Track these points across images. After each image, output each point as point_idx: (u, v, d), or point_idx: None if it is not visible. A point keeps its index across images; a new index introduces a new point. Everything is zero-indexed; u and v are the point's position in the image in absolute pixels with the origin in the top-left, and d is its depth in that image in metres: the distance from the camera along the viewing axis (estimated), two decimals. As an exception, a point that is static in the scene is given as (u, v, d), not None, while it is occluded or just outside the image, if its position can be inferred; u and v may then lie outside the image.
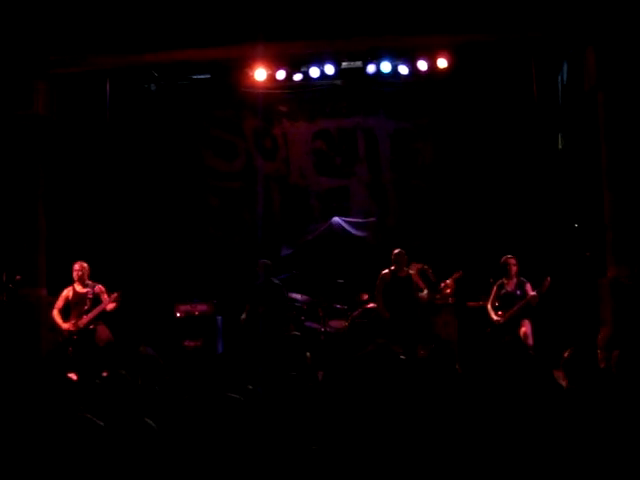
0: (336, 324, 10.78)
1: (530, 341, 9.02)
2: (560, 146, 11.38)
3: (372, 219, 12.27)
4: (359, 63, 11.60)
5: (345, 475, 4.28)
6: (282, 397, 4.81)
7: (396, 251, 9.71)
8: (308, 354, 6.95)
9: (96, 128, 11.13)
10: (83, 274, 9.42)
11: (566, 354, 5.53)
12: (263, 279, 9.82)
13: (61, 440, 4.40)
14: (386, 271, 9.71)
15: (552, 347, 6.94)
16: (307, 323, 10.32)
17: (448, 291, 10.14)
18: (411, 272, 9.75)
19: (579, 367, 5.24)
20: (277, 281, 9.97)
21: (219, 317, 11.19)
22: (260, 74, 11.55)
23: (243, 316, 10.05)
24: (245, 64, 11.57)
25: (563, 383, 5.48)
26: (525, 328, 9.20)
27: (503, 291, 9.38)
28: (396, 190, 12.44)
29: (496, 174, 11.83)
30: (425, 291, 10.15)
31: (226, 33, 10.41)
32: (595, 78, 9.80)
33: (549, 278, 9.16)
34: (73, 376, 6.27)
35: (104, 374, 5.62)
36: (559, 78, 11.31)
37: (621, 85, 9.61)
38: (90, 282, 9.47)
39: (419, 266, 10.25)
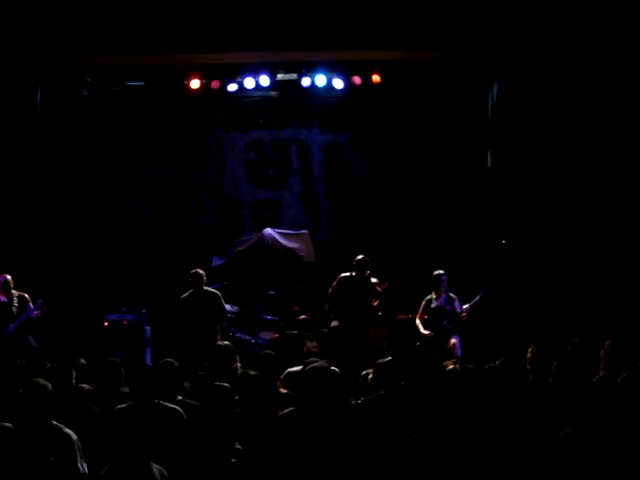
0: (266, 335, 10.76)
1: (458, 352, 9.16)
2: (489, 163, 11.62)
3: (304, 231, 12.31)
4: (294, 75, 11.63)
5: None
6: (217, 409, 4.78)
7: (359, 257, 9.69)
8: (239, 365, 6.94)
9: (25, 133, 10.88)
10: (7, 285, 9.24)
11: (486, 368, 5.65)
12: (195, 289, 9.66)
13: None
14: (344, 274, 9.68)
15: (480, 361, 7.04)
16: (237, 334, 10.27)
17: (376, 302, 10.14)
18: (374, 280, 9.70)
19: (507, 380, 5.36)
20: (212, 290, 9.81)
21: (148, 327, 11.04)
22: (194, 83, 11.50)
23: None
24: (180, 73, 11.50)
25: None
26: (454, 340, 9.35)
27: (433, 305, 9.51)
28: (328, 203, 12.52)
29: (427, 189, 12.03)
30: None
31: (160, 41, 10.35)
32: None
33: (482, 293, 9.34)
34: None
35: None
36: (489, 97, 11.56)
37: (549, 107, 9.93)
38: (15, 292, 9.32)
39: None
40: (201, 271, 9.79)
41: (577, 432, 4.23)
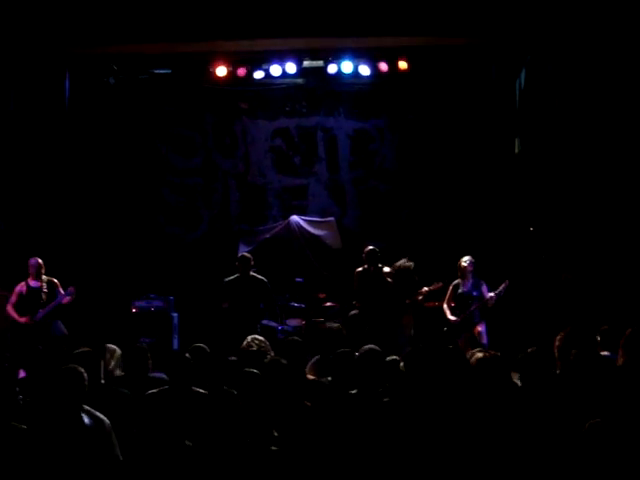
0: (293, 322, 10.80)
1: (484, 340, 9.13)
2: (517, 150, 11.54)
3: (330, 218, 12.32)
4: (321, 62, 11.62)
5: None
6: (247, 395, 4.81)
7: (366, 249, 9.71)
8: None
9: (54, 121, 10.97)
10: (39, 269, 9.35)
11: (522, 355, 5.63)
12: (242, 273, 9.62)
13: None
14: (359, 269, 9.72)
15: (507, 348, 7.02)
16: (264, 321, 10.29)
17: (420, 298, 10.10)
18: (385, 269, 9.70)
19: (535, 368, 5.33)
20: (260, 276, 9.73)
21: (175, 314, 11.12)
22: (221, 71, 11.52)
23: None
24: (206, 60, 11.53)
25: (519, 383, 5.57)
26: (480, 327, 9.32)
27: (459, 291, 9.47)
28: (355, 190, 12.51)
29: (454, 176, 11.98)
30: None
31: (187, 29, 10.37)
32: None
33: (508, 281, 9.28)
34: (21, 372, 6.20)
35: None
36: (517, 83, 11.47)
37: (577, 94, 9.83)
38: (45, 277, 9.42)
39: (408, 264, 10.17)
40: (249, 255, 9.71)
41: (604, 421, 4.19)
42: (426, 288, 9.89)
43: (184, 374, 5.27)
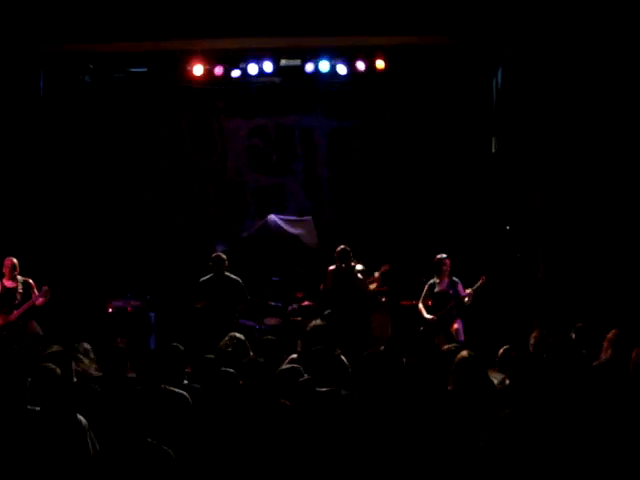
0: (271, 321, 10.78)
1: (461, 337, 9.18)
2: (494, 149, 11.60)
3: (307, 217, 12.31)
4: (298, 61, 11.59)
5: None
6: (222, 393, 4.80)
7: (338, 248, 9.71)
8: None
9: (29, 120, 10.88)
10: (13, 269, 9.28)
11: (500, 352, 5.66)
12: (216, 273, 9.63)
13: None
14: (331, 267, 9.72)
15: (484, 346, 7.06)
16: (242, 320, 10.27)
17: (374, 285, 10.14)
18: (358, 267, 9.69)
19: (514, 365, 5.36)
20: (234, 276, 9.76)
21: (152, 313, 11.08)
22: (197, 69, 11.46)
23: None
24: (182, 59, 11.47)
25: (495, 381, 5.60)
26: (457, 325, 9.37)
27: (436, 290, 9.51)
28: (332, 189, 12.52)
29: (431, 175, 12.02)
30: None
31: (163, 27, 10.30)
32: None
33: (484, 277, 9.33)
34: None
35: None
36: (494, 82, 11.53)
37: (554, 92, 9.89)
38: (20, 277, 9.36)
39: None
40: (223, 255, 9.73)
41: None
42: (376, 274, 9.88)
43: (155, 373, 5.24)
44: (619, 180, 9.67)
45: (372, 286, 10.22)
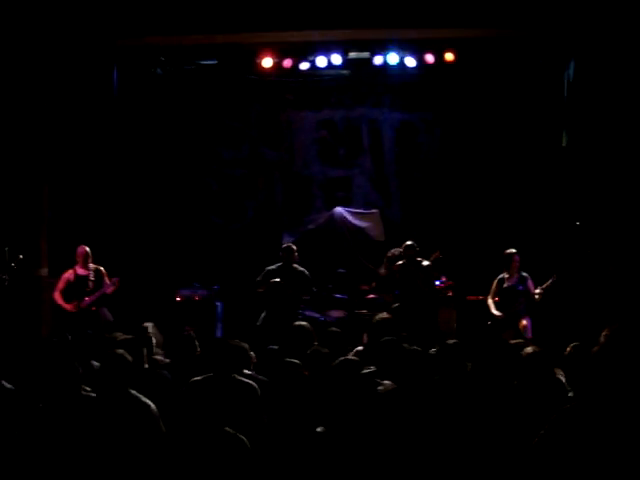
0: (335, 314, 10.81)
1: (529, 335, 9.06)
2: (564, 143, 11.39)
3: (374, 210, 12.31)
4: (366, 54, 11.57)
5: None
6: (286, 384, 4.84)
7: (405, 244, 9.66)
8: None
9: (103, 112, 11.11)
10: (86, 257, 9.52)
11: (567, 351, 5.57)
12: (285, 263, 9.74)
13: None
14: (399, 263, 9.69)
15: (552, 344, 6.95)
16: (306, 312, 10.34)
17: (427, 263, 10.02)
18: (425, 263, 9.63)
19: (580, 364, 5.26)
20: (302, 268, 9.84)
21: (219, 303, 11.22)
22: (267, 62, 11.54)
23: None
24: (252, 51, 11.56)
25: (563, 379, 5.51)
26: (525, 322, 9.25)
27: (505, 285, 9.40)
28: (399, 182, 12.48)
29: (500, 169, 11.87)
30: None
31: (233, 19, 10.42)
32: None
33: (555, 275, 9.19)
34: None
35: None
36: (565, 75, 11.31)
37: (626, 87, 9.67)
38: (92, 265, 9.58)
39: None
40: (293, 246, 9.86)
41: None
42: (426, 262, 9.76)
43: (229, 362, 5.30)
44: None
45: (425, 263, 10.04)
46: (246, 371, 5.72)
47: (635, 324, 6.53)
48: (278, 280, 9.44)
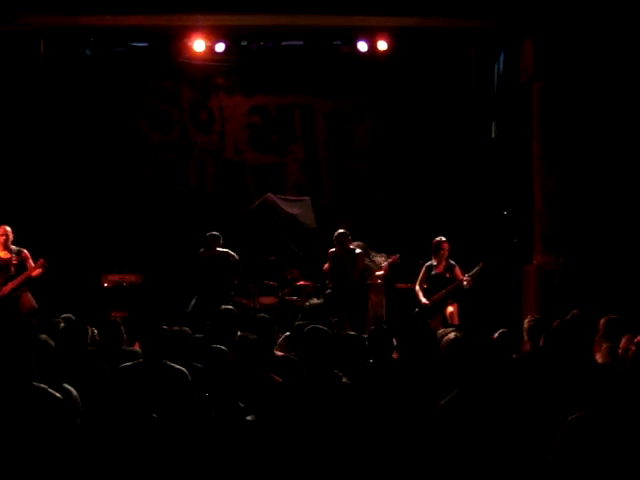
0: (266, 300, 10.78)
1: (456, 321, 9.18)
2: (493, 135, 11.57)
3: (305, 198, 12.30)
4: (300, 41, 11.55)
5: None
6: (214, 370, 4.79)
7: (335, 233, 9.68)
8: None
9: (29, 92, 10.81)
10: (7, 239, 9.16)
11: (495, 336, 5.67)
12: (211, 249, 9.71)
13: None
14: (331, 250, 9.70)
15: (478, 330, 7.06)
16: (237, 298, 10.28)
17: (381, 273, 10.19)
18: (357, 251, 9.67)
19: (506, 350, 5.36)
20: (226, 249, 9.89)
21: (148, 288, 11.08)
22: (199, 45, 11.40)
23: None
24: (184, 34, 11.39)
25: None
26: (452, 308, 9.37)
27: (433, 272, 9.50)
28: (330, 170, 12.49)
29: (430, 159, 12.01)
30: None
31: (166, 1, 10.23)
32: (532, 69, 9.98)
33: (482, 263, 9.33)
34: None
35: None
36: (495, 67, 11.48)
37: (556, 78, 9.81)
38: (14, 247, 9.23)
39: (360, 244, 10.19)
40: (216, 233, 9.81)
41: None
42: (385, 263, 9.89)
43: (158, 347, 5.24)
44: (620, 166, 9.62)
45: (379, 273, 10.24)
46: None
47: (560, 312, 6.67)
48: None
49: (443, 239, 9.53)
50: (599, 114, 9.63)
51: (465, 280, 9.32)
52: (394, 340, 5.57)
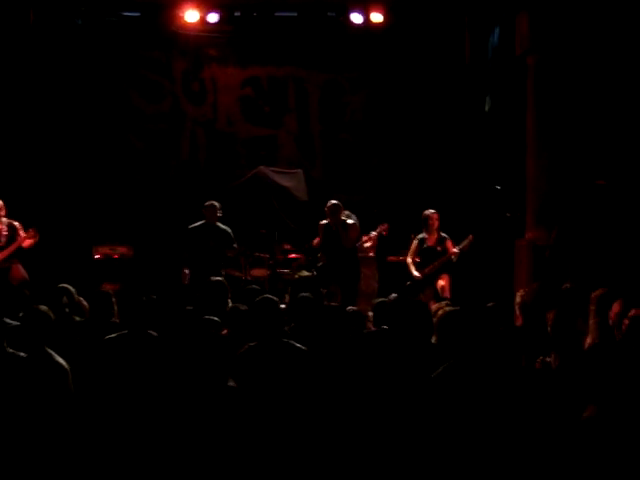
0: (257, 272, 10.77)
1: (447, 294, 9.20)
2: (487, 108, 11.52)
3: (298, 170, 12.26)
4: (294, 13, 11.45)
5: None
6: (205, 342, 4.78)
7: (328, 204, 9.62)
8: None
9: (18, 61, 10.70)
10: (-1, 211, 9.13)
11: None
12: (208, 221, 9.62)
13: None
14: (322, 222, 9.63)
15: (469, 303, 7.07)
16: (228, 270, 10.26)
17: (369, 244, 10.11)
18: (350, 222, 9.59)
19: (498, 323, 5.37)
20: (225, 226, 9.73)
21: (139, 260, 11.06)
22: (191, 15, 11.29)
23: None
24: (176, 4, 11.29)
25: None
26: (443, 281, 9.38)
27: (424, 245, 9.50)
28: (324, 143, 12.46)
29: (423, 131, 11.97)
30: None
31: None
32: (527, 42, 9.91)
33: (471, 236, 9.34)
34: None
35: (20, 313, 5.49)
36: (490, 40, 11.39)
37: (552, 51, 9.75)
38: (5, 219, 9.18)
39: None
40: (217, 203, 9.70)
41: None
42: (373, 233, 9.83)
43: (141, 318, 5.23)
44: (614, 141, 9.59)
45: (367, 244, 10.16)
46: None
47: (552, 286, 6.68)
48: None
49: (432, 211, 9.52)
50: (594, 88, 9.58)
51: (453, 253, 9.34)
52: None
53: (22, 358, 4.51)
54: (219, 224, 9.69)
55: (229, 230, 9.70)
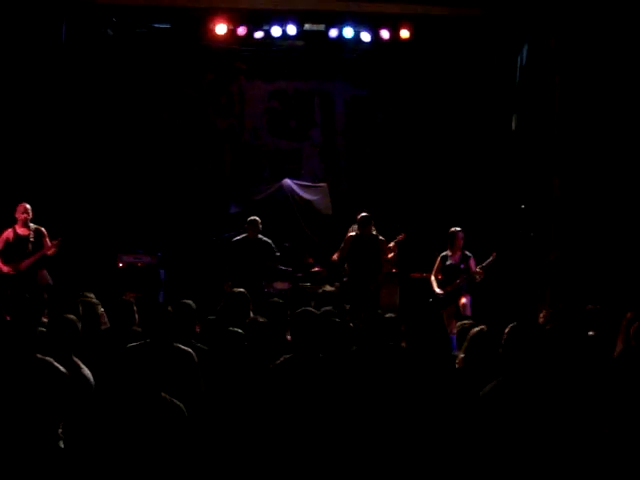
0: (280, 285, 10.78)
1: (468, 312, 9.14)
2: (513, 127, 11.49)
3: (322, 184, 12.29)
4: (322, 26, 11.49)
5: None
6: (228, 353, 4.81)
7: (359, 215, 9.53)
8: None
9: (50, 71, 10.82)
10: (27, 217, 9.21)
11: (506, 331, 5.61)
12: (250, 235, 9.60)
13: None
14: (350, 234, 9.56)
15: (490, 322, 7.03)
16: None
17: (391, 255, 10.05)
18: (381, 238, 9.52)
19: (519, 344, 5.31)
20: (266, 238, 9.67)
21: (162, 270, 11.11)
22: (221, 28, 11.36)
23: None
24: (206, 17, 11.37)
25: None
26: (465, 299, 9.33)
27: (447, 263, 9.46)
28: (348, 157, 12.49)
29: (449, 149, 11.96)
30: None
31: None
32: (555, 62, 9.92)
33: (495, 254, 9.29)
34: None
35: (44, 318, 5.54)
36: (518, 59, 11.37)
37: (579, 71, 9.75)
38: (32, 225, 9.27)
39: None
40: (258, 219, 9.68)
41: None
42: (392, 243, 9.77)
43: (166, 328, 5.24)
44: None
45: (390, 255, 10.10)
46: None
47: (574, 307, 6.63)
48: None
49: (458, 229, 9.48)
50: (621, 108, 9.55)
51: (477, 273, 9.28)
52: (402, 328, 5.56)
53: (52, 365, 4.52)
54: (260, 236, 9.64)
55: (270, 241, 9.67)
